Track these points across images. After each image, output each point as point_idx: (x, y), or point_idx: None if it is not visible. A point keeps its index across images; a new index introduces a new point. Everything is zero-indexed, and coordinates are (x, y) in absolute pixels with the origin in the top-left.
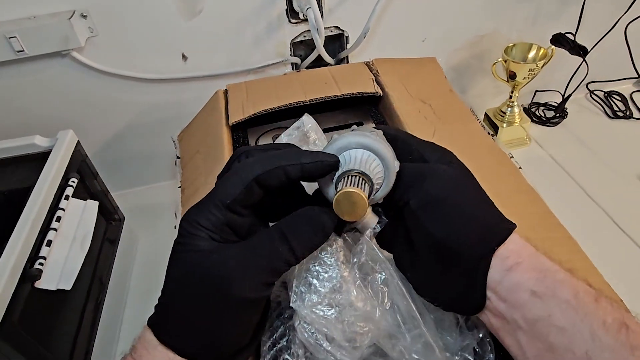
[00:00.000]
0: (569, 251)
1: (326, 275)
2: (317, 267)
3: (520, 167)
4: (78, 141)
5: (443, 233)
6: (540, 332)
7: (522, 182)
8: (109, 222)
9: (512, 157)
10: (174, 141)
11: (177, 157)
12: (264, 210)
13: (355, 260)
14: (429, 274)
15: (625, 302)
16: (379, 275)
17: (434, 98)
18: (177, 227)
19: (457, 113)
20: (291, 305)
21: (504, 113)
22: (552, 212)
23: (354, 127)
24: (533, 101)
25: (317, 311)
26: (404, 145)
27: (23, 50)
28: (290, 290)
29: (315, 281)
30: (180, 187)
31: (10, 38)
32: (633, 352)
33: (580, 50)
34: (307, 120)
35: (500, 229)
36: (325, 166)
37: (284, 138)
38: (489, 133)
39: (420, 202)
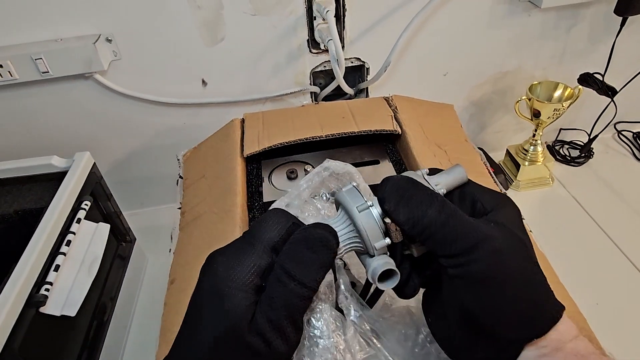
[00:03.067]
0: (579, 328)
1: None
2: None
3: (530, 230)
4: (94, 163)
5: (480, 311)
6: None
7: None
8: (120, 243)
9: (523, 218)
10: (178, 159)
11: (180, 177)
12: None
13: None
14: (453, 336)
15: None
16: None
17: (450, 144)
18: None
19: (471, 164)
20: None
21: (527, 151)
22: (562, 283)
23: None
24: (557, 139)
25: None
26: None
27: (48, 72)
28: None
29: None
30: (180, 208)
31: (36, 59)
32: None
33: (608, 91)
34: (329, 166)
35: (544, 318)
36: None
37: (303, 184)
38: (501, 190)
39: (460, 275)
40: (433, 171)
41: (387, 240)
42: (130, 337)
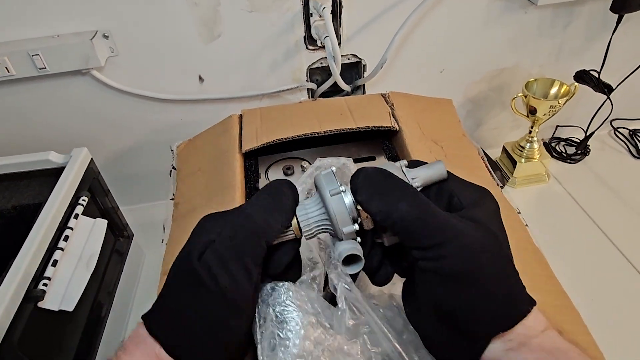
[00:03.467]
0: (571, 322)
1: (290, 343)
2: (283, 333)
3: (527, 225)
4: (92, 159)
5: (448, 305)
6: None
7: (528, 241)
8: (118, 239)
9: (519, 212)
10: (172, 150)
11: (173, 168)
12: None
13: (328, 323)
14: (427, 327)
15: None
16: (364, 328)
17: (446, 140)
18: (204, 255)
19: (467, 159)
20: None
21: (523, 148)
22: (556, 276)
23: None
24: (554, 136)
25: None
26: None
27: (45, 68)
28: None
29: (280, 349)
30: (172, 199)
31: (33, 55)
32: None
33: (604, 88)
34: (321, 164)
35: (511, 313)
36: None
37: (298, 187)
38: (497, 184)
39: (430, 269)
40: (413, 164)
41: (355, 227)
42: (128, 332)
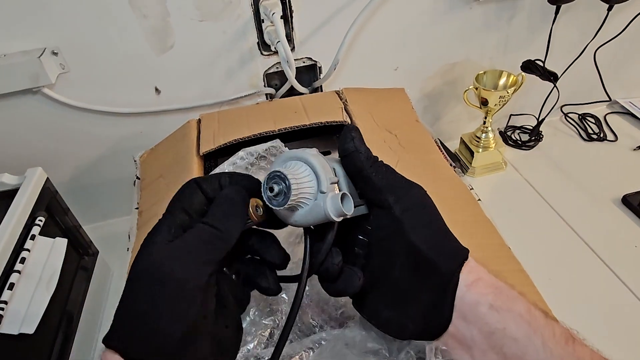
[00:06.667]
0: (521, 284)
1: None
2: None
3: (479, 199)
4: (47, 178)
5: (423, 242)
6: (495, 344)
7: (480, 214)
8: (82, 257)
9: (472, 188)
10: (135, 161)
11: (137, 178)
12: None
13: None
14: (400, 288)
15: (598, 326)
16: None
17: (400, 128)
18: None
19: (421, 143)
20: None
21: (479, 138)
22: (507, 244)
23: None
24: (508, 125)
25: None
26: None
27: None
28: None
29: None
30: (137, 208)
31: None
32: None
33: (550, 76)
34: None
35: (462, 249)
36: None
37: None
38: (451, 164)
39: (406, 207)
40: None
41: (335, 178)
42: (97, 351)
